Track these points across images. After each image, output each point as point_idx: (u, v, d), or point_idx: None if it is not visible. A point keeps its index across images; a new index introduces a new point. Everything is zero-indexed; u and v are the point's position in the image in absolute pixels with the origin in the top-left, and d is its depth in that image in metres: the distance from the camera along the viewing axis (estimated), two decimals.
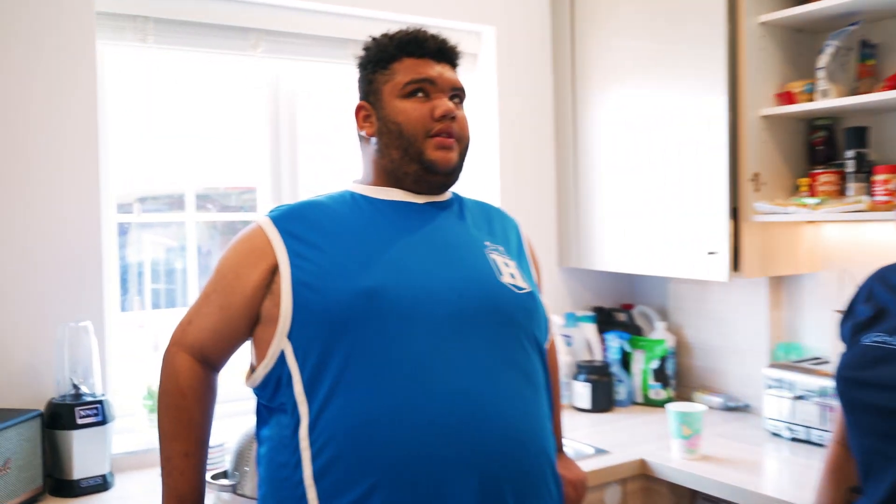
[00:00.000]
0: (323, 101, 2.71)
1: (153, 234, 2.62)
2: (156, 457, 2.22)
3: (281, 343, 1.32)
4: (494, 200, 2.84)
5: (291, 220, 1.39)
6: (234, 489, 1.86)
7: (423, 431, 1.25)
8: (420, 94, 1.44)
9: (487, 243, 1.47)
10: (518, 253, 1.54)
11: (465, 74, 2.82)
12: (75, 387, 2.05)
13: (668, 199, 2.53)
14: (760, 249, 2.39)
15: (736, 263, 2.36)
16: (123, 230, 2.49)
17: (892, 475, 1.38)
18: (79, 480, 2.01)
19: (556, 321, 2.79)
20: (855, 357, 1.49)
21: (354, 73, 1.55)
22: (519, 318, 1.40)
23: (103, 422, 2.04)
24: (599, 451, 2.23)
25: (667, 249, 2.52)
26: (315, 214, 1.41)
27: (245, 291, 1.36)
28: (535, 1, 2.89)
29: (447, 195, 1.53)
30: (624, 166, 2.68)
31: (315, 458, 1.28)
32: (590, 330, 2.84)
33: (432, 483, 1.25)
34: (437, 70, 1.45)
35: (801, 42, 2.43)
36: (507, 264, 1.45)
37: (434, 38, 1.48)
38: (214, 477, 1.90)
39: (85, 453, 2.01)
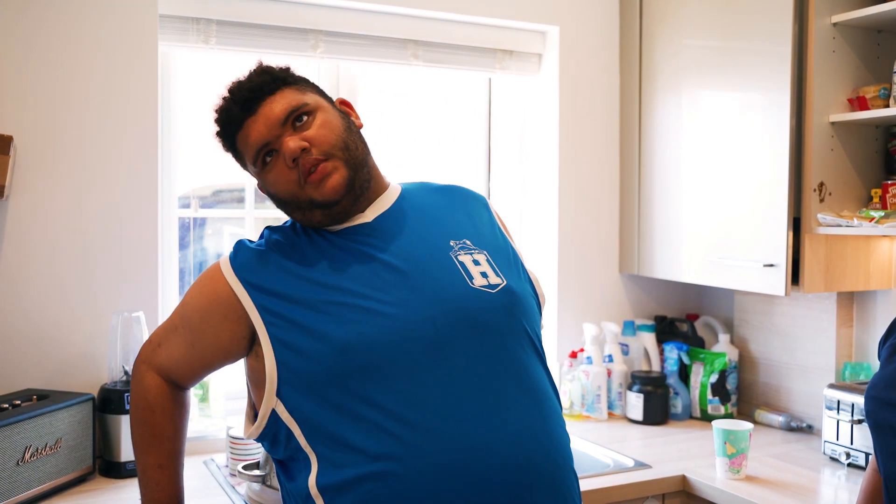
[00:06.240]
0: (380, 100, 2.75)
1: (233, 226, 2.71)
2: (202, 443, 2.32)
3: (271, 402, 1.30)
4: (552, 202, 2.80)
5: (252, 271, 1.35)
6: (263, 480, 1.90)
7: (424, 479, 1.21)
8: (269, 158, 1.37)
9: (452, 243, 1.39)
10: (491, 233, 1.47)
11: (529, 75, 2.81)
12: (126, 374, 2.14)
13: (729, 207, 2.43)
14: (825, 263, 2.26)
15: (796, 277, 2.25)
16: (201, 223, 2.58)
17: None
18: (126, 463, 2.09)
19: (612, 329, 2.72)
20: (886, 377, 1.42)
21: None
22: (501, 320, 1.33)
23: None
24: (640, 465, 2.17)
25: (727, 260, 2.42)
26: (274, 258, 1.36)
27: (219, 341, 1.36)
28: (603, 0, 2.83)
29: (392, 198, 1.44)
30: (688, 171, 2.58)
31: None
32: (648, 340, 2.76)
33: None
34: (260, 123, 1.35)
35: (877, 44, 2.29)
36: (476, 262, 1.37)
37: (234, 96, 1.38)
38: (246, 468, 1.95)
39: None
